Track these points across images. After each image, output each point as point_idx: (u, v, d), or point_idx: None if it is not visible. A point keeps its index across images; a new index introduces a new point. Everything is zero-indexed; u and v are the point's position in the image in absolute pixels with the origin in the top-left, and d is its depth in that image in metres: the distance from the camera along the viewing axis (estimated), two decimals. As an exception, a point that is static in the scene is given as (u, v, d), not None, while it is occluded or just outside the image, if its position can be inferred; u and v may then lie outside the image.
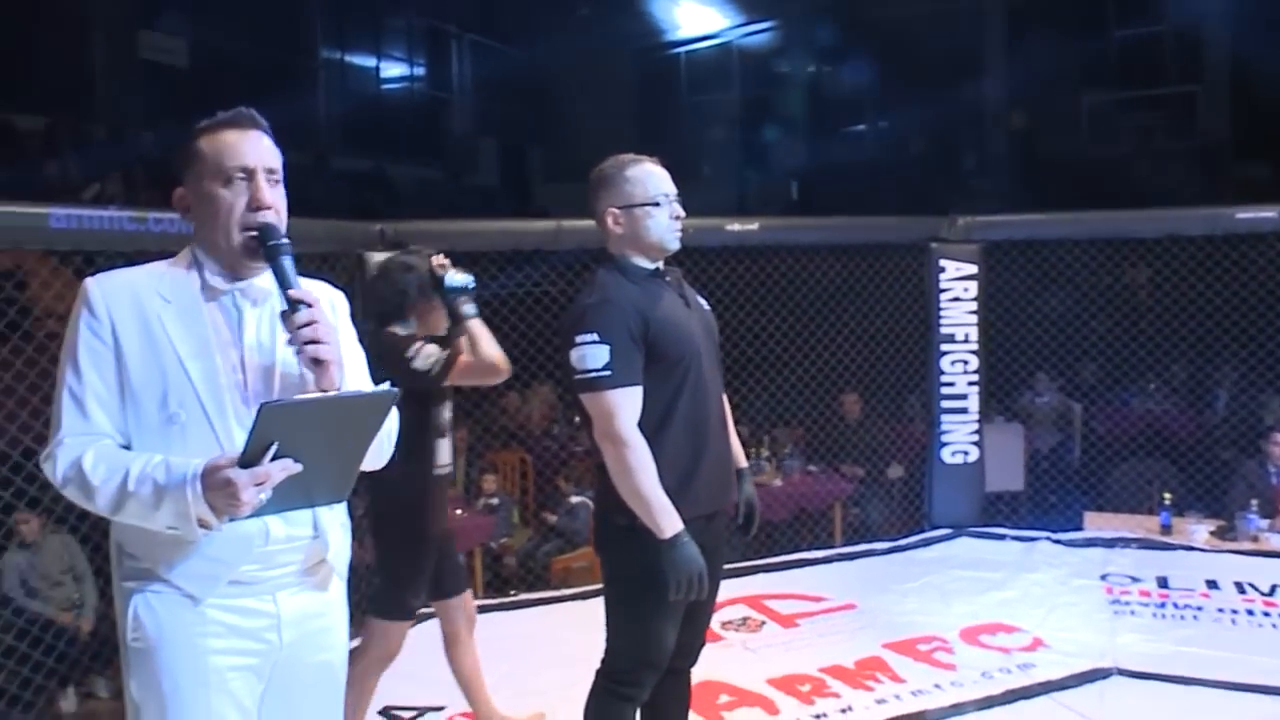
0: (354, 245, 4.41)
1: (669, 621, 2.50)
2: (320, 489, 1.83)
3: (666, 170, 2.59)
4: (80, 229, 3.18)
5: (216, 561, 1.80)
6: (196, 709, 1.81)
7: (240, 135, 1.89)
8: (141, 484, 1.70)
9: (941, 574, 4.94)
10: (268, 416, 1.65)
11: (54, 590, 5.07)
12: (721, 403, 2.63)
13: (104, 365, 1.78)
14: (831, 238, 5.68)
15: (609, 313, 2.40)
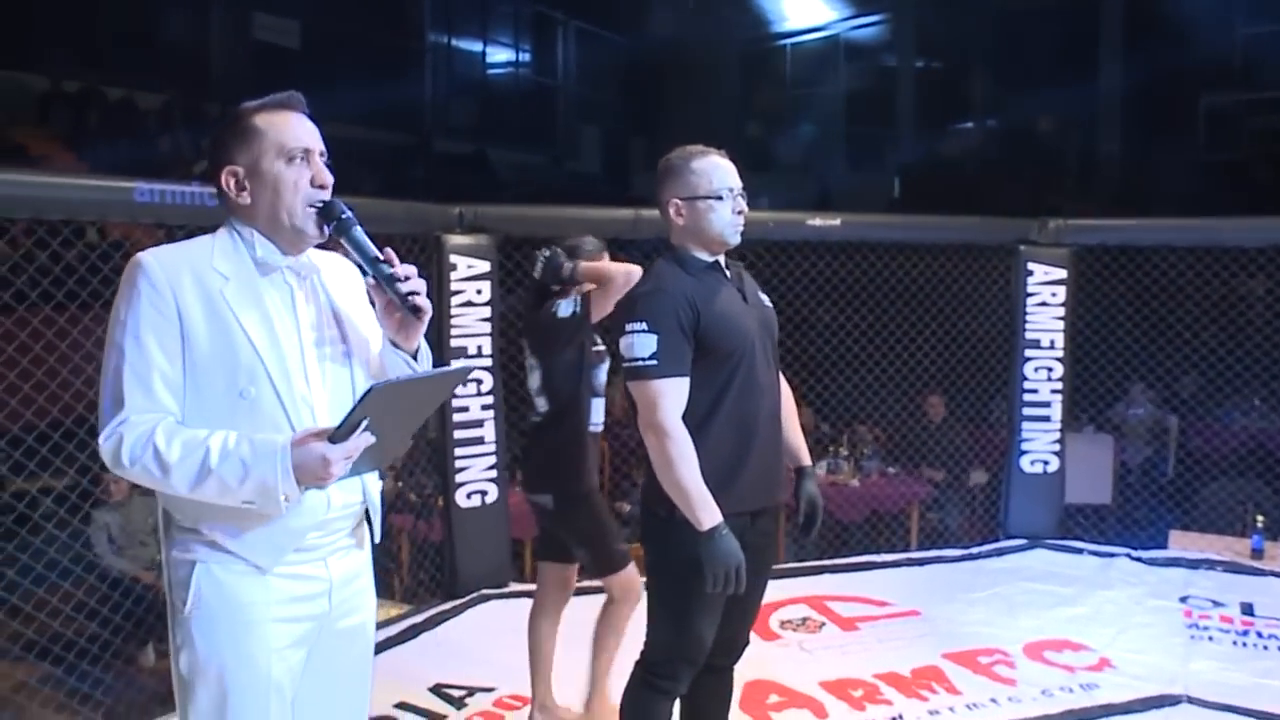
0: (433, 227, 4.45)
1: (707, 616, 2.47)
2: (381, 458, 1.89)
3: (734, 164, 2.55)
4: (162, 203, 3.27)
5: (287, 531, 1.83)
6: (257, 679, 1.83)
7: (298, 118, 1.92)
8: (225, 460, 1.72)
9: (1012, 585, 4.79)
10: (374, 396, 1.69)
11: (139, 549, 5.26)
12: (776, 399, 2.58)
13: (169, 341, 1.77)
14: (915, 236, 5.54)
15: (660, 302, 2.40)
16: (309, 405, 1.86)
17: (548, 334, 3.11)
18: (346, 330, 1.97)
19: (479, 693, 3.66)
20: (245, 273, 1.86)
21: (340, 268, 2.04)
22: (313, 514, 1.86)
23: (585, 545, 3.21)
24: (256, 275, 1.87)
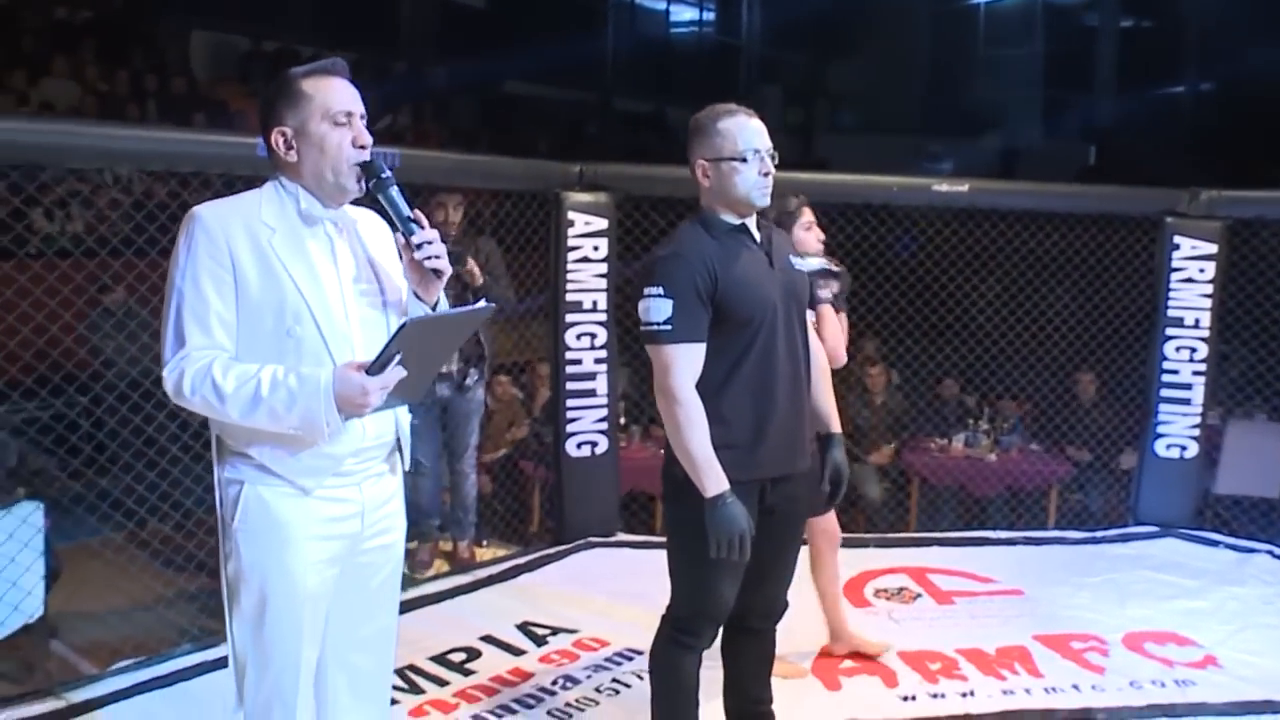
0: (553, 185, 4.58)
1: (725, 575, 2.47)
2: (411, 392, 2.04)
3: (759, 125, 2.54)
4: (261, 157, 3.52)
5: (327, 457, 2.02)
6: (294, 590, 2.03)
7: (341, 83, 2.08)
8: (275, 391, 1.90)
9: (1130, 573, 4.57)
10: (408, 330, 1.87)
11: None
12: (801, 366, 2.54)
13: (224, 286, 1.95)
14: (1049, 205, 5.30)
15: (678, 267, 2.38)
16: (349, 342, 2.02)
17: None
18: (381, 278, 2.13)
19: (562, 633, 3.80)
20: (290, 224, 2.03)
21: (374, 223, 2.20)
22: (350, 442, 2.04)
23: None
24: (301, 226, 2.04)
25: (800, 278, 2.61)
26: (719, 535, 2.34)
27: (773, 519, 2.52)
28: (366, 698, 2.23)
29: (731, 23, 19.33)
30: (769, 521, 2.51)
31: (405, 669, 3.45)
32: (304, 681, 2.09)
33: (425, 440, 4.43)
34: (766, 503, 2.50)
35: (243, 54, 12.06)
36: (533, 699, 3.32)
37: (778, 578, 2.66)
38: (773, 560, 2.59)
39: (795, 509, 2.61)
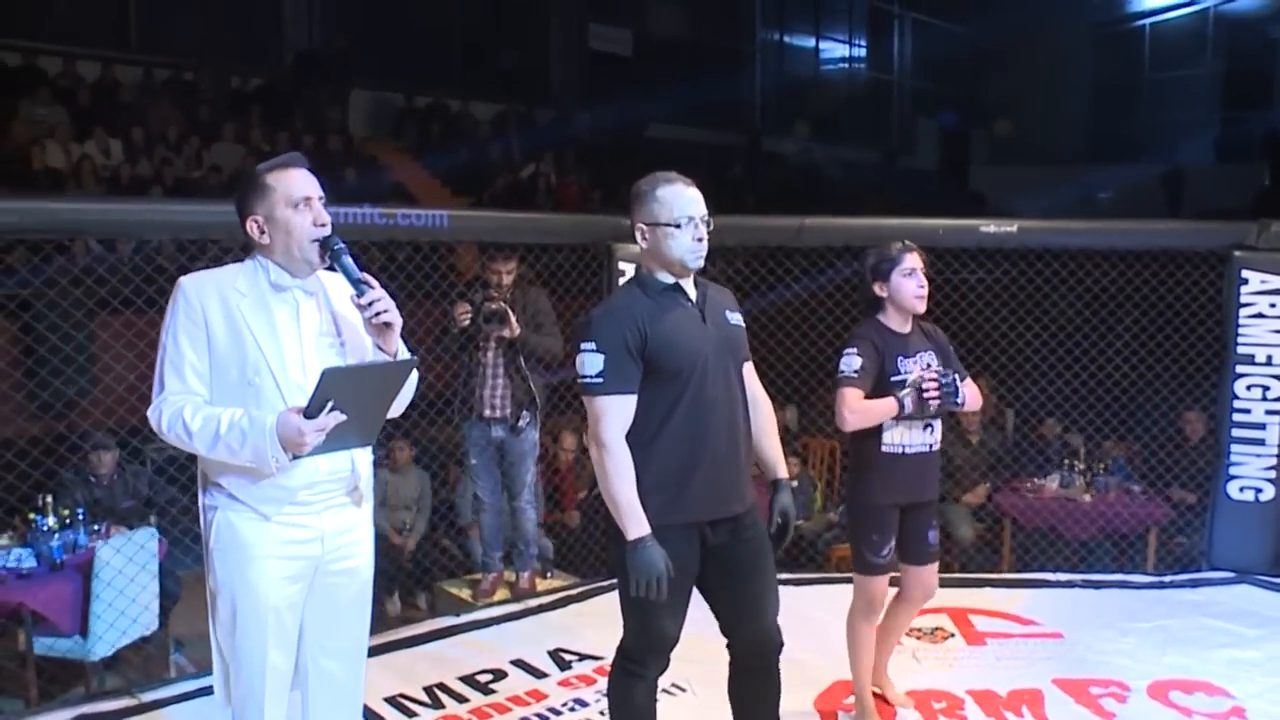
0: (604, 237, 4.87)
1: (664, 611, 2.60)
2: (357, 435, 2.36)
3: (699, 191, 2.67)
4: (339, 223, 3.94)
5: (283, 488, 2.36)
6: (258, 602, 2.37)
7: (299, 172, 2.43)
8: (230, 430, 2.27)
9: (1187, 619, 4.44)
10: (328, 378, 2.21)
11: (399, 513, 6.12)
12: (734, 415, 2.68)
13: (198, 342, 2.32)
14: (1104, 242, 5.22)
15: (610, 325, 2.57)
16: (303, 391, 2.34)
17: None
18: (344, 333, 2.46)
19: (588, 659, 4.04)
20: (260, 291, 2.40)
21: (341, 289, 2.52)
22: (303, 476, 2.37)
23: (851, 534, 3.48)
24: (270, 293, 2.40)
25: (735, 332, 2.74)
26: (638, 576, 2.50)
27: (726, 557, 2.67)
28: (339, 701, 2.56)
29: (883, 57, 19.28)
30: (722, 561, 2.67)
31: (434, 686, 3.79)
32: (271, 681, 2.42)
33: (484, 479, 4.79)
34: (710, 544, 2.65)
35: (397, 110, 12.93)
36: (539, 717, 3.58)
37: (756, 612, 2.75)
38: (742, 597, 2.72)
39: (745, 547, 2.71)
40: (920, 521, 3.42)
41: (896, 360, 3.30)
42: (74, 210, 3.70)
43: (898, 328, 3.35)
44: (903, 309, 3.34)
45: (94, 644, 4.42)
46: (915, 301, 3.32)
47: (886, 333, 3.35)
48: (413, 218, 4.13)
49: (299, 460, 2.30)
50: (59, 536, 4.61)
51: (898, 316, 3.36)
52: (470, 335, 4.53)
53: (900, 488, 3.34)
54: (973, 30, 18.51)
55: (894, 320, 3.36)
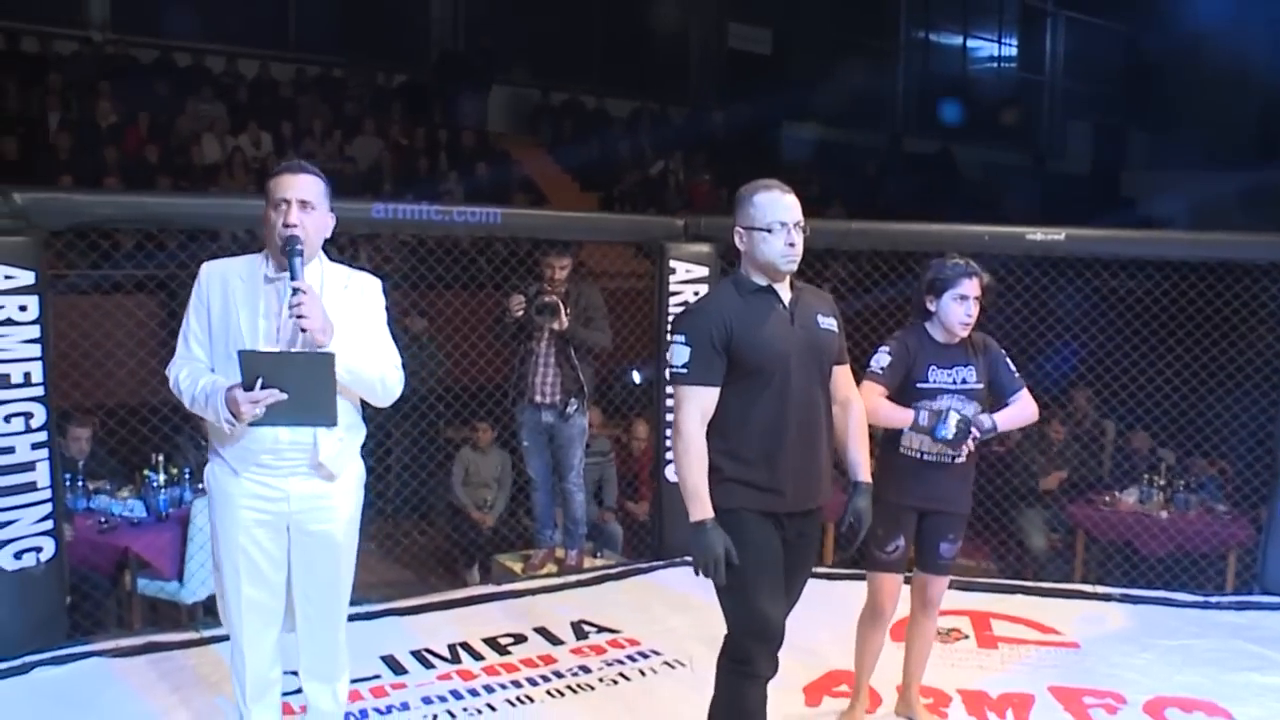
0: (657, 237, 5.13)
1: (761, 591, 2.71)
2: (311, 415, 2.71)
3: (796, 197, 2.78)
4: (395, 219, 4.34)
5: (248, 450, 2.77)
6: (229, 537, 2.81)
7: (289, 177, 2.79)
8: (200, 393, 2.72)
9: (1219, 641, 4.39)
10: (244, 359, 2.60)
11: (479, 490, 6.53)
12: (817, 414, 2.79)
13: (201, 318, 2.79)
14: (1158, 252, 5.13)
15: (699, 320, 2.74)
16: None
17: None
18: None
19: (605, 631, 4.34)
20: (254, 279, 2.79)
21: (360, 283, 2.88)
22: (265, 442, 2.75)
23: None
24: (262, 283, 2.78)
25: (825, 335, 2.83)
26: (699, 557, 2.66)
27: (784, 550, 2.79)
28: (320, 640, 2.97)
29: (1034, 56, 18.76)
30: (776, 552, 2.78)
31: (458, 644, 4.16)
32: (248, 609, 2.84)
33: (535, 460, 5.14)
34: (785, 536, 2.79)
35: (534, 106, 13.45)
36: (543, 678, 3.91)
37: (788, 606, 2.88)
38: (781, 587, 2.81)
39: (805, 544, 2.87)
40: (935, 531, 3.44)
41: (928, 368, 3.34)
42: (161, 204, 4.22)
43: (942, 339, 3.38)
44: (947, 329, 3.38)
45: (188, 588, 4.95)
46: (959, 327, 3.35)
47: (927, 340, 3.39)
48: (468, 214, 4.49)
49: (258, 427, 2.69)
50: (166, 492, 5.16)
51: (944, 331, 3.38)
52: (523, 325, 4.87)
53: (915, 491, 3.38)
54: (1133, 29, 17.82)
55: (939, 333, 3.39)
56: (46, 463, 3.85)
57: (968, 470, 3.42)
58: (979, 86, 18.24)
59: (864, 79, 16.14)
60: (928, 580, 3.54)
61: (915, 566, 3.56)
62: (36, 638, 3.84)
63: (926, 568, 3.52)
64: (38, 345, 3.78)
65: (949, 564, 3.53)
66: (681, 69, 15.45)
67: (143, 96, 9.61)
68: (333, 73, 11.68)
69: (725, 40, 15.71)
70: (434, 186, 10.38)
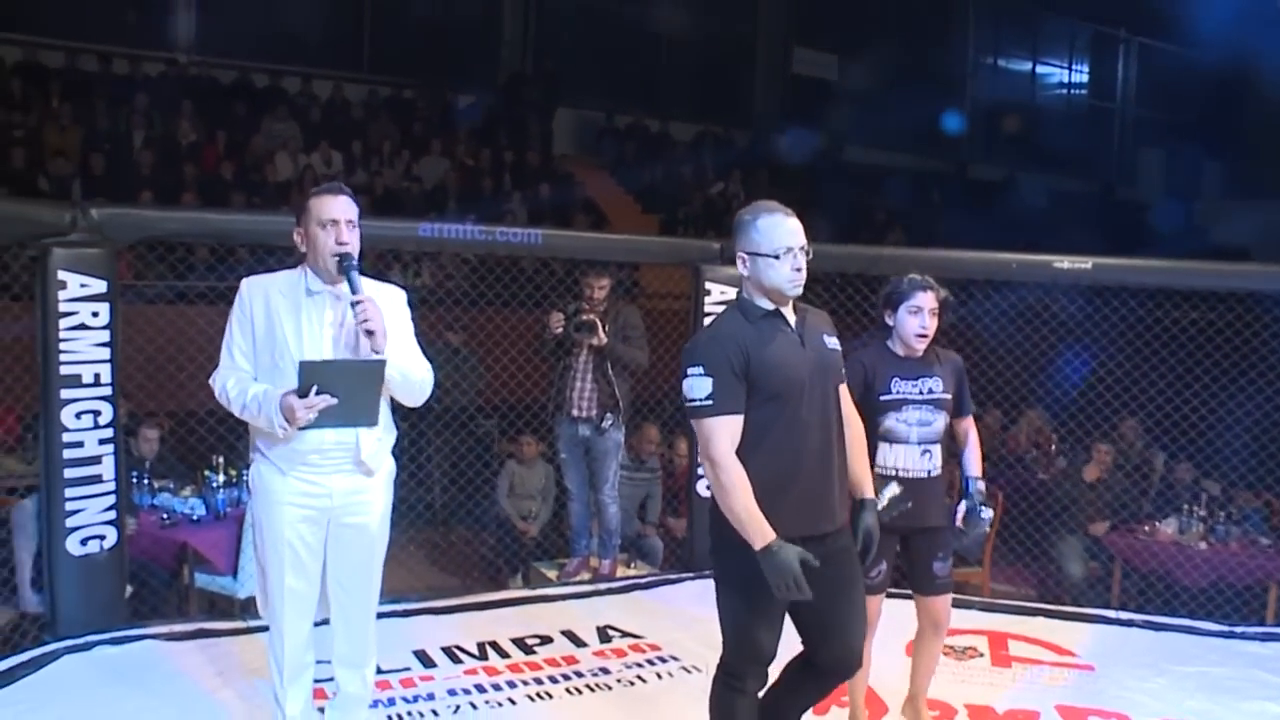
0: (691, 259, 5.33)
1: (763, 625, 2.76)
2: (355, 417, 2.95)
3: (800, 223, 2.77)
4: (440, 237, 4.59)
5: (296, 451, 3.01)
6: (276, 536, 3.05)
7: (333, 199, 3.04)
8: (253, 401, 2.96)
9: (1235, 669, 4.40)
10: (304, 369, 2.85)
11: (524, 502, 6.76)
12: (828, 435, 2.79)
13: (246, 330, 3.03)
14: (1184, 282, 5.17)
15: (715, 349, 2.69)
16: None
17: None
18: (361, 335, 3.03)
19: (628, 637, 4.52)
20: (296, 293, 3.04)
21: (389, 297, 3.12)
22: (312, 443, 2.99)
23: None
24: (304, 296, 3.03)
25: (831, 355, 2.85)
26: (776, 579, 2.59)
27: (816, 577, 2.65)
28: (353, 627, 3.21)
29: (1106, 83, 18.61)
30: (812, 581, 2.65)
31: (486, 643, 4.37)
32: (290, 599, 3.08)
33: (571, 472, 5.35)
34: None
35: (598, 129, 13.75)
36: (564, 677, 4.11)
37: (839, 630, 2.85)
38: (829, 618, 2.82)
39: (837, 565, 2.80)
40: (924, 550, 3.48)
41: (890, 380, 3.42)
42: (224, 220, 4.54)
43: (902, 353, 3.48)
44: (904, 343, 3.48)
45: (241, 583, 5.24)
46: (914, 339, 3.44)
47: (888, 355, 3.49)
48: (509, 234, 4.73)
49: (307, 430, 2.91)
50: (224, 492, 5.46)
51: (904, 345, 3.48)
52: (562, 341, 5.09)
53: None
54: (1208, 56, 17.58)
55: (899, 347, 3.49)
56: (112, 458, 4.16)
57: (940, 484, 3.50)
58: (1047, 114, 18.15)
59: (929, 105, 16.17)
60: (930, 603, 3.57)
61: (914, 591, 3.59)
62: (98, 619, 4.14)
63: (925, 590, 3.54)
64: (107, 349, 4.10)
65: (947, 581, 3.57)
66: (746, 93, 15.66)
67: (221, 116, 10.08)
68: (403, 94, 12.09)
69: (790, 65, 15.88)
70: (497, 206, 10.72)
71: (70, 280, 3.97)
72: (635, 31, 14.17)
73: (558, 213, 10.84)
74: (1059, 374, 7.25)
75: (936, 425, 3.46)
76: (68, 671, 3.89)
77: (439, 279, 8.99)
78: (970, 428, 3.63)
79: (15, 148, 8.61)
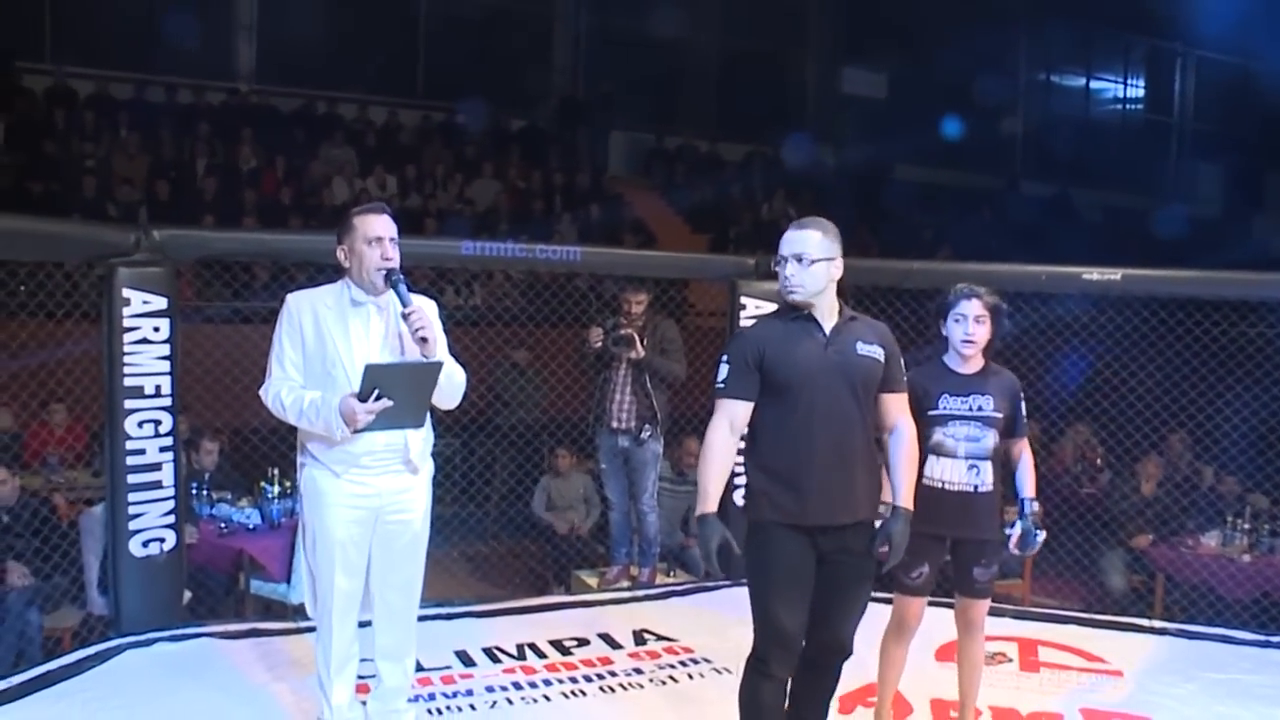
0: (727, 275, 5.48)
1: (779, 604, 2.93)
2: (404, 419, 3.15)
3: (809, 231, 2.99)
4: (482, 255, 4.78)
5: (349, 454, 3.20)
6: (328, 536, 3.23)
7: (376, 217, 3.24)
8: (310, 407, 3.15)
9: (1269, 678, 4.35)
10: (369, 372, 3.04)
11: (566, 511, 6.93)
12: (849, 433, 2.95)
13: (295, 342, 3.23)
14: (1212, 292, 5.19)
15: (738, 343, 3.06)
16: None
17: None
18: (404, 340, 3.23)
19: (663, 640, 4.65)
20: (341, 306, 3.24)
21: (428, 304, 3.31)
22: (365, 446, 3.19)
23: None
24: (349, 308, 3.24)
25: (861, 361, 3.01)
26: (701, 548, 2.94)
27: (826, 567, 2.97)
28: (396, 621, 3.40)
29: (1162, 97, 18.43)
30: (825, 570, 2.98)
31: (525, 644, 4.53)
32: (339, 599, 3.27)
33: (612, 482, 5.51)
34: (820, 550, 2.97)
35: (648, 150, 13.96)
36: (598, 676, 4.25)
37: (835, 619, 3.05)
38: (829, 603, 3.02)
39: (845, 559, 3.00)
40: (967, 557, 3.57)
41: (940, 397, 3.51)
42: (277, 240, 4.79)
43: (957, 367, 3.56)
44: (956, 352, 3.57)
45: (294, 589, 5.45)
46: (962, 346, 3.52)
47: (944, 371, 3.57)
48: (549, 252, 4.92)
49: (361, 433, 3.09)
50: (279, 503, 5.69)
51: (958, 356, 3.56)
52: (601, 355, 5.26)
53: (938, 520, 3.47)
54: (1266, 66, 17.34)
55: (954, 359, 3.57)
56: (171, 465, 4.40)
57: (992, 499, 3.56)
58: (1100, 128, 18.02)
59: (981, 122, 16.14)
60: (967, 604, 3.66)
61: (955, 592, 3.70)
62: (158, 617, 4.37)
63: (964, 592, 3.66)
64: (167, 362, 4.34)
65: (986, 587, 3.65)
66: (797, 113, 15.77)
67: (280, 142, 10.45)
68: (456, 118, 12.40)
69: (840, 84, 15.97)
70: (548, 227, 10.95)
71: (134, 297, 4.22)
72: (684, 53, 14.36)
73: (607, 233, 11.04)
74: (1073, 379, 7.25)
75: (985, 442, 3.51)
76: (130, 665, 4.12)
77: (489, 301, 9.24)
78: (1025, 449, 3.67)
79: (87, 176, 9.02)
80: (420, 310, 3.16)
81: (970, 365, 3.57)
